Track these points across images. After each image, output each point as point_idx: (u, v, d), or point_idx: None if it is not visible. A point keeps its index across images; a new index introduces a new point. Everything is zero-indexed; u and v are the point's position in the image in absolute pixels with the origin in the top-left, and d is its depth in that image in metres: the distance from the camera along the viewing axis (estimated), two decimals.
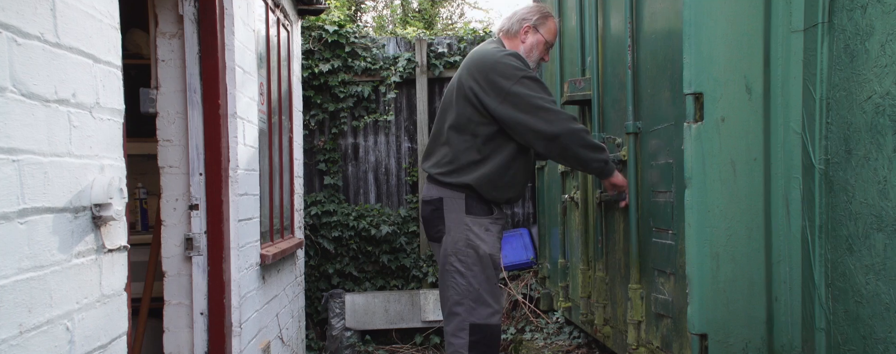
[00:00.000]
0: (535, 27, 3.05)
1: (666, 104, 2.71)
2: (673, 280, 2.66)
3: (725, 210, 2.38)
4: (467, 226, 2.90)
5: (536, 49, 3.05)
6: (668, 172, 2.67)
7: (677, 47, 2.57)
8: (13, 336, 1.33)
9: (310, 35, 5.72)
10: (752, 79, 2.39)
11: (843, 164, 2.07)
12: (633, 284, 3.03)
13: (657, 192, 2.79)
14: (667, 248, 2.69)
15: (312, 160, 5.79)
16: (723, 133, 2.37)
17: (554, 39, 3.10)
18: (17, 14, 1.37)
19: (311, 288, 5.59)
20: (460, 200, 2.92)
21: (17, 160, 1.36)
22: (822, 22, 2.17)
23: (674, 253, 2.63)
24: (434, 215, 2.95)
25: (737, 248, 2.39)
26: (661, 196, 2.75)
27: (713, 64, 2.37)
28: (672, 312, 2.67)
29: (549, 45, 3.08)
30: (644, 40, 2.94)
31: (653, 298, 2.85)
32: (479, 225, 2.92)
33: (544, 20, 3.08)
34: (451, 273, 2.89)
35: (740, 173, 2.39)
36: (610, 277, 3.46)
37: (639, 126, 2.98)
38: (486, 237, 2.92)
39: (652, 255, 2.86)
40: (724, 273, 2.38)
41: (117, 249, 1.79)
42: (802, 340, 2.32)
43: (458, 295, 2.89)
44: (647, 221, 2.91)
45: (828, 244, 2.17)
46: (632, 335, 3.05)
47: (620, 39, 3.26)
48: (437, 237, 2.95)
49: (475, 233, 2.90)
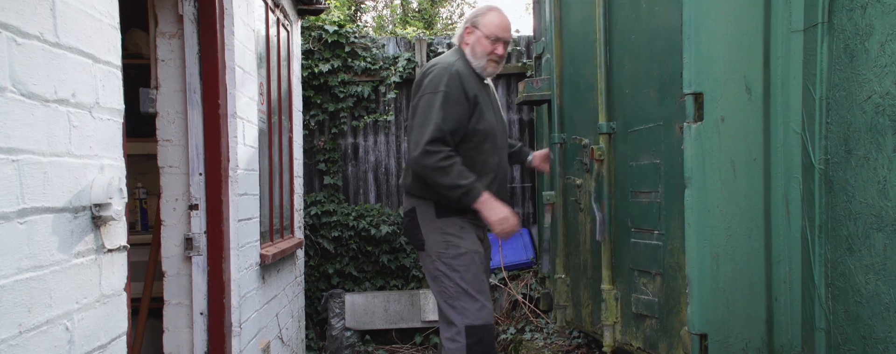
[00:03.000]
0: (474, 25, 3.03)
1: (652, 104, 2.69)
2: (659, 281, 2.64)
3: (725, 210, 2.38)
4: (441, 229, 2.95)
5: (479, 46, 3.00)
6: (654, 172, 2.65)
7: (666, 48, 2.57)
8: (13, 335, 1.33)
9: (310, 35, 5.72)
10: (752, 79, 2.39)
11: (843, 164, 2.07)
12: (605, 285, 2.99)
13: (638, 192, 2.77)
14: (652, 248, 2.67)
15: (312, 160, 5.79)
16: (722, 133, 2.37)
17: (496, 31, 2.99)
18: (17, 14, 1.37)
19: (311, 288, 5.59)
20: (430, 207, 2.97)
21: (17, 160, 1.36)
22: (822, 22, 2.17)
23: (661, 253, 2.62)
24: (411, 225, 3.00)
25: (737, 248, 2.39)
26: (643, 196, 2.73)
27: (713, 64, 2.37)
28: (658, 312, 2.66)
29: (493, 38, 2.99)
30: (621, 41, 2.92)
31: (633, 299, 2.82)
32: (454, 225, 2.95)
33: (483, 16, 3.05)
34: (440, 278, 2.92)
35: (740, 173, 2.39)
36: (572, 279, 3.42)
37: (613, 126, 2.95)
38: (463, 235, 2.94)
39: (630, 255, 2.84)
40: (724, 273, 2.38)
41: (117, 249, 1.79)
42: (802, 340, 2.31)
43: (449, 298, 2.90)
44: (624, 221, 2.88)
45: (828, 244, 2.17)
46: (607, 336, 3.01)
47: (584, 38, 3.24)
48: (419, 245, 3.01)
49: (451, 233, 2.94)
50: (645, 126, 2.74)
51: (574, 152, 3.32)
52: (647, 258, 2.73)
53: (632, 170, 2.83)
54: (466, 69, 2.98)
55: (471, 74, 2.98)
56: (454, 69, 2.90)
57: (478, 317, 2.88)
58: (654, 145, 2.67)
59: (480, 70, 3.02)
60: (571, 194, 3.39)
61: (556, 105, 3.48)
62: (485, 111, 2.97)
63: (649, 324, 2.74)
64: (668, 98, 2.56)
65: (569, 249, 3.48)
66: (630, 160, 2.85)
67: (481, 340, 2.88)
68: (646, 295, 2.74)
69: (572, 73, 3.41)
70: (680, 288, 2.51)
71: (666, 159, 2.59)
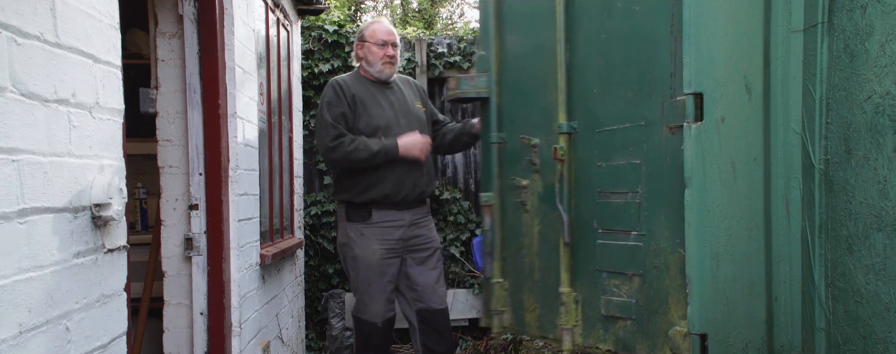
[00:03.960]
0: (362, 40, 3.53)
1: (627, 105, 2.67)
2: (638, 282, 2.63)
3: (725, 210, 2.37)
4: (346, 232, 3.49)
5: (370, 54, 3.49)
6: (632, 173, 2.64)
7: (650, 49, 2.55)
8: (13, 336, 1.33)
9: (310, 35, 5.72)
10: (752, 79, 2.39)
11: (843, 164, 2.08)
12: (564, 288, 2.91)
13: (610, 193, 2.74)
14: (629, 249, 2.65)
15: (312, 160, 5.79)
16: (722, 133, 2.37)
17: (381, 37, 3.49)
18: (17, 14, 1.37)
19: (311, 288, 5.59)
20: (342, 209, 3.52)
21: (17, 160, 1.36)
22: (822, 22, 2.17)
23: (641, 254, 2.60)
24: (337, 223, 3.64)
25: (737, 248, 2.38)
26: (617, 197, 2.71)
27: (713, 64, 2.36)
28: (636, 313, 2.63)
29: (380, 43, 3.47)
30: (588, 40, 2.86)
31: (603, 301, 2.77)
32: (355, 230, 3.44)
33: (366, 29, 3.55)
34: (347, 270, 3.55)
35: (740, 173, 2.38)
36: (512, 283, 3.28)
37: (574, 126, 2.92)
38: (360, 241, 3.42)
39: (597, 257, 2.80)
40: (724, 273, 2.38)
41: (117, 249, 1.79)
42: (802, 340, 2.32)
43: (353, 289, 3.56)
44: (589, 222, 2.84)
45: (828, 244, 2.17)
46: (567, 340, 2.93)
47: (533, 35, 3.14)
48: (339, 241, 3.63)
49: (352, 237, 3.45)
50: (618, 126, 2.71)
51: (518, 152, 3.22)
52: (621, 260, 2.69)
53: (601, 171, 2.79)
54: (355, 78, 3.52)
55: (361, 81, 3.50)
56: (334, 81, 3.47)
57: (362, 312, 3.46)
58: (633, 146, 2.64)
59: (379, 74, 3.50)
60: (513, 195, 3.25)
61: (494, 103, 3.34)
62: (371, 109, 3.42)
63: (622, 326, 2.71)
64: (652, 99, 2.54)
65: (508, 252, 3.33)
66: (598, 161, 2.80)
67: (362, 331, 3.48)
68: (619, 297, 2.70)
69: (516, 71, 3.29)
70: (667, 288, 2.50)
71: (647, 159, 2.57)
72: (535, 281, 3.15)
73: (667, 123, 2.48)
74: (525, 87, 3.25)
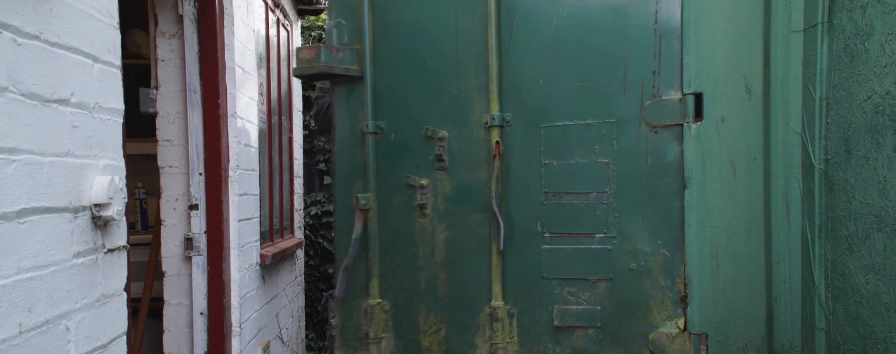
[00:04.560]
0: None
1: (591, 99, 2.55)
2: (604, 286, 2.54)
3: (725, 210, 2.38)
4: None
5: None
6: (598, 172, 2.55)
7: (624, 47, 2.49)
8: (13, 335, 1.33)
9: (310, 35, 5.71)
10: (752, 79, 2.39)
11: (843, 164, 2.08)
12: (497, 302, 2.66)
13: (564, 194, 2.61)
14: (591, 253, 2.56)
15: (312, 160, 5.79)
16: (722, 133, 2.37)
17: None
18: (17, 14, 1.37)
19: (311, 288, 5.59)
20: None
21: (17, 160, 1.36)
22: (822, 22, 2.17)
23: (610, 257, 2.53)
24: None
25: (737, 248, 2.39)
26: (575, 198, 2.59)
27: (713, 64, 2.36)
28: (602, 320, 2.55)
29: None
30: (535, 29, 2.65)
31: (556, 310, 2.60)
32: None
33: None
34: None
35: (740, 173, 2.39)
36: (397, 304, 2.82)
37: (507, 119, 2.65)
38: None
39: (543, 264, 2.61)
40: (724, 273, 2.38)
41: (117, 249, 1.78)
42: (802, 339, 2.32)
43: None
44: (530, 226, 2.64)
45: (828, 244, 2.17)
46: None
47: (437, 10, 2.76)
48: None
49: None
50: (576, 122, 2.58)
51: (408, 146, 2.79)
52: (580, 265, 2.58)
53: (550, 169, 2.62)
54: None
55: None
56: None
57: None
58: (598, 144, 2.54)
59: None
60: (402, 197, 2.81)
61: (368, 84, 2.80)
62: None
63: (583, 336, 2.59)
64: (627, 96, 2.48)
65: (391, 266, 2.82)
66: (544, 158, 2.62)
67: None
68: (577, 305, 2.59)
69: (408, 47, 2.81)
70: (647, 291, 2.46)
71: (620, 158, 2.50)
72: (437, 298, 2.77)
73: (648, 122, 2.45)
74: (427, 68, 2.78)
